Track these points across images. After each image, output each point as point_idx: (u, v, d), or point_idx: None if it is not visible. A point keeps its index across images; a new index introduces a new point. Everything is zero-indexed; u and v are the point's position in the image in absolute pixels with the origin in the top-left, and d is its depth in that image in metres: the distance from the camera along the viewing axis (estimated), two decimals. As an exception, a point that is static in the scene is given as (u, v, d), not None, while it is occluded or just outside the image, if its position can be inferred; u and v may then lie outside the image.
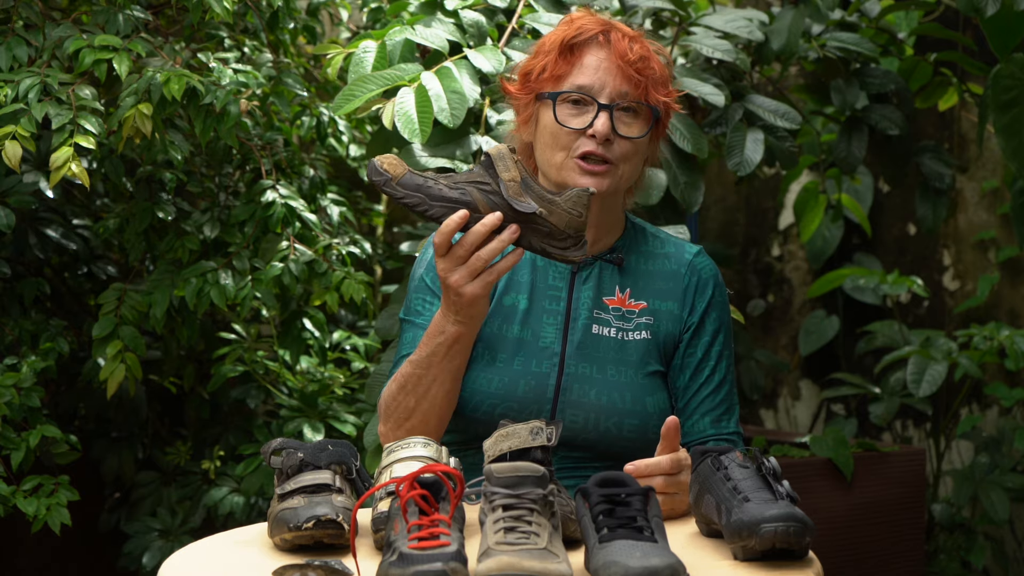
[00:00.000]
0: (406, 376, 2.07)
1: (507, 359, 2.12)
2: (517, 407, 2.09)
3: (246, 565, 1.75)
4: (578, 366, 2.11)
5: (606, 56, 2.11)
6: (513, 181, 1.87)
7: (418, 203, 1.87)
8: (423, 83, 2.49)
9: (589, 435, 2.09)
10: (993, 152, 4.31)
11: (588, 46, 2.13)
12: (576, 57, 2.12)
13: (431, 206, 1.87)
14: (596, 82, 2.10)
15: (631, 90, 2.10)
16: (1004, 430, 4.00)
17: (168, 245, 2.98)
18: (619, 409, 2.10)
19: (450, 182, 1.88)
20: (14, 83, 2.59)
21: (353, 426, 3.13)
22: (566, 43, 2.13)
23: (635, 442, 2.11)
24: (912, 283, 4.22)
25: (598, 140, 2.09)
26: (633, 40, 2.14)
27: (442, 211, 1.87)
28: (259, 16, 3.09)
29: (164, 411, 3.44)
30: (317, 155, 3.37)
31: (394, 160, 1.89)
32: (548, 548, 1.56)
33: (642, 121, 2.13)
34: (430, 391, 2.05)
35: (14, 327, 2.93)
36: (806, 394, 4.72)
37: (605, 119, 2.09)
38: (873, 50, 3.36)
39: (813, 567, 1.69)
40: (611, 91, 2.10)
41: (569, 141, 2.11)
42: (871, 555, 3.56)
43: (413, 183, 1.88)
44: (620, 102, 2.10)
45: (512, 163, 1.87)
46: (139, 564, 3.13)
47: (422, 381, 2.05)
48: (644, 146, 2.15)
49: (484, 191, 1.88)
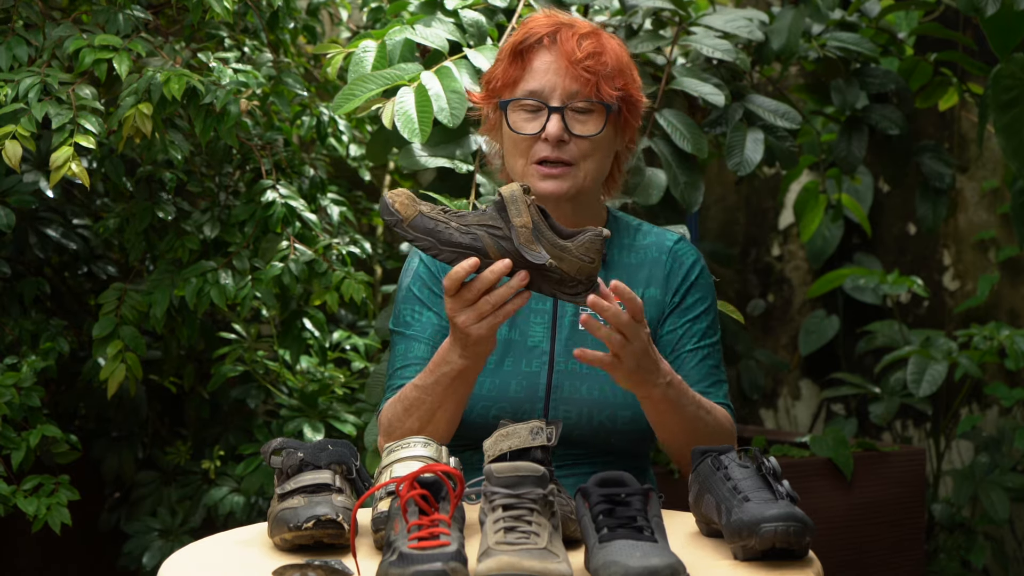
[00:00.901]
0: (411, 400, 2.06)
1: (497, 361, 2.12)
2: (510, 407, 2.10)
3: (246, 565, 1.75)
4: (568, 363, 2.12)
5: (553, 59, 2.11)
6: (524, 227, 1.84)
7: (429, 247, 1.85)
8: (423, 83, 2.49)
9: (583, 430, 2.10)
10: (993, 152, 4.31)
11: (536, 50, 2.13)
12: (526, 62, 2.13)
13: (441, 251, 1.85)
14: (546, 85, 2.11)
15: (581, 88, 2.10)
16: (1004, 430, 4.00)
17: (168, 245, 2.98)
18: (611, 402, 2.10)
19: (461, 224, 1.85)
20: (14, 83, 2.59)
21: (353, 426, 3.12)
22: (516, 48, 2.14)
23: (629, 434, 2.11)
24: (912, 283, 4.22)
25: (551, 143, 2.09)
26: (583, 37, 2.13)
27: (452, 256, 1.85)
28: (259, 16, 3.09)
29: (164, 411, 3.44)
30: (317, 155, 3.36)
31: (406, 199, 1.87)
32: (548, 548, 1.56)
33: (596, 118, 2.12)
34: (435, 416, 2.04)
35: (14, 327, 2.93)
36: (806, 394, 4.72)
37: (556, 121, 2.09)
38: (873, 50, 3.36)
39: (813, 567, 1.69)
40: (561, 92, 2.10)
41: (527, 147, 2.12)
42: (871, 555, 3.56)
43: (423, 226, 1.85)
44: (571, 103, 2.10)
45: (524, 207, 1.84)
46: (139, 564, 3.13)
47: (425, 405, 2.04)
48: (607, 141, 2.14)
49: (495, 236, 1.85)
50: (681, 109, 2.98)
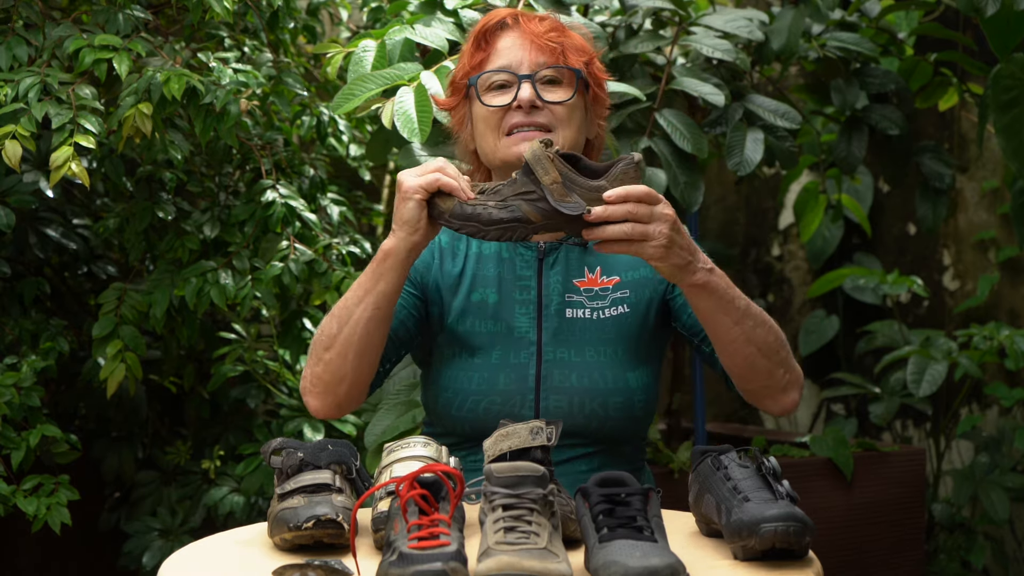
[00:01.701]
0: (336, 305, 2.05)
1: (484, 354, 2.12)
2: (500, 400, 2.09)
3: (246, 565, 1.75)
4: (556, 352, 2.11)
5: (518, 35, 2.15)
6: (555, 183, 1.84)
7: (475, 231, 1.87)
8: (422, 82, 2.49)
9: (576, 419, 2.09)
10: (993, 152, 4.31)
11: (499, 31, 2.17)
12: (490, 45, 2.16)
13: (488, 231, 1.87)
14: (513, 60, 2.13)
15: (548, 58, 2.13)
16: (1004, 430, 4.01)
17: (168, 245, 2.98)
18: (602, 389, 2.10)
19: (498, 201, 1.87)
20: (14, 83, 2.59)
21: (353, 426, 3.12)
22: (479, 35, 2.18)
23: (622, 420, 2.11)
24: (912, 283, 4.22)
25: (525, 109, 2.11)
26: (543, 19, 2.18)
27: (498, 233, 1.87)
28: (259, 16, 3.09)
29: (164, 411, 3.44)
30: (317, 155, 3.37)
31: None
32: (548, 548, 1.56)
33: (566, 85, 2.14)
34: (353, 315, 2.01)
35: (14, 327, 2.93)
36: (806, 394, 4.72)
37: (528, 88, 2.11)
38: (873, 50, 3.36)
39: (813, 567, 1.69)
40: (529, 63, 2.13)
41: (498, 120, 2.13)
42: (871, 555, 3.56)
43: (464, 213, 1.87)
44: (540, 73, 2.12)
45: (550, 164, 1.84)
46: (139, 564, 3.13)
47: (348, 304, 2.02)
48: (579, 113, 2.15)
49: (531, 201, 1.85)
50: (681, 109, 2.98)
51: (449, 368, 2.13)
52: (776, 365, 2.04)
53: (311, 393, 2.07)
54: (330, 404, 2.07)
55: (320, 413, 2.09)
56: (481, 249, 2.19)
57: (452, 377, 2.12)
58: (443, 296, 2.17)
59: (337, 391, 2.06)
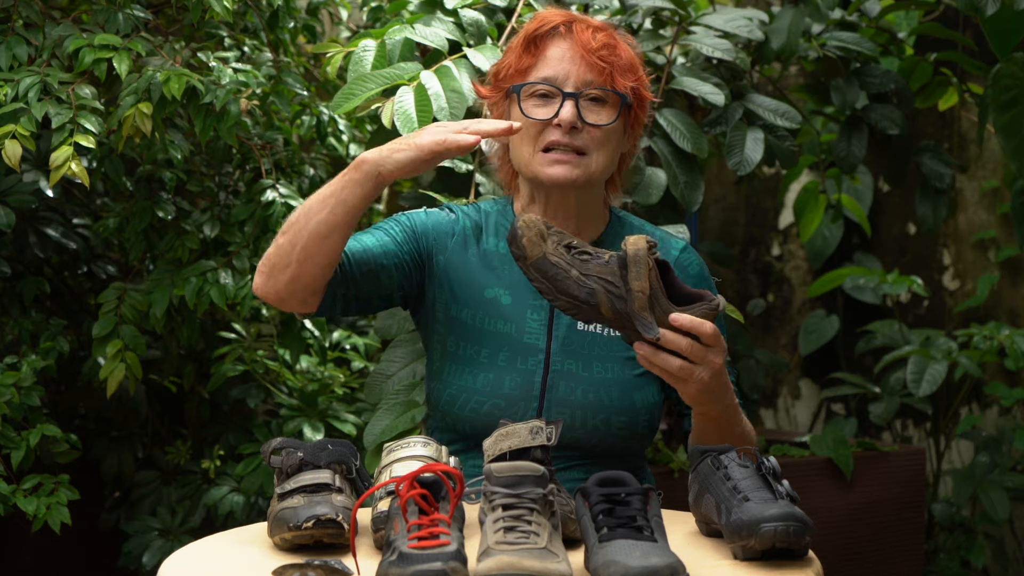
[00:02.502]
0: (294, 213, 2.03)
1: (491, 355, 2.11)
2: (504, 404, 2.08)
3: (246, 565, 1.75)
4: (564, 363, 2.10)
5: (569, 46, 2.11)
6: (641, 292, 1.82)
7: (545, 291, 1.86)
8: (422, 82, 2.49)
9: (577, 433, 2.09)
10: (993, 152, 4.31)
11: (551, 38, 2.13)
12: (540, 50, 2.12)
13: (557, 298, 1.86)
14: (560, 72, 2.10)
15: (595, 77, 2.10)
16: (1004, 430, 4.00)
17: (168, 244, 2.98)
18: (607, 406, 2.09)
19: (580, 274, 1.84)
20: (14, 82, 2.59)
21: (353, 426, 3.13)
22: (529, 37, 2.14)
23: (624, 439, 2.10)
24: (912, 283, 4.22)
25: (564, 128, 2.08)
26: (597, 30, 2.13)
27: (565, 305, 1.86)
28: (259, 15, 3.09)
29: (164, 411, 3.44)
30: (317, 154, 3.36)
31: (534, 235, 1.86)
32: (548, 548, 1.56)
33: (610, 108, 2.11)
34: (312, 209, 1.99)
35: (14, 326, 2.93)
36: (806, 394, 4.72)
37: (570, 107, 2.08)
38: (873, 50, 3.36)
39: (813, 567, 1.69)
40: (575, 80, 2.09)
41: (536, 133, 2.10)
42: (871, 555, 3.56)
43: (544, 270, 1.85)
44: (585, 91, 2.09)
45: (646, 271, 1.82)
46: (139, 564, 3.13)
47: (313, 200, 2.00)
48: (617, 135, 2.13)
49: (611, 294, 1.84)
50: (681, 109, 2.98)
51: (455, 362, 2.12)
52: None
53: (259, 271, 2.06)
54: (270, 289, 2.05)
55: (259, 291, 2.07)
56: (498, 248, 2.18)
57: (458, 372, 2.11)
58: (450, 281, 2.15)
59: (279, 278, 2.03)
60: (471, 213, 2.21)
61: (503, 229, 2.18)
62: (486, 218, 2.20)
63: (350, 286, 2.09)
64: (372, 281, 2.11)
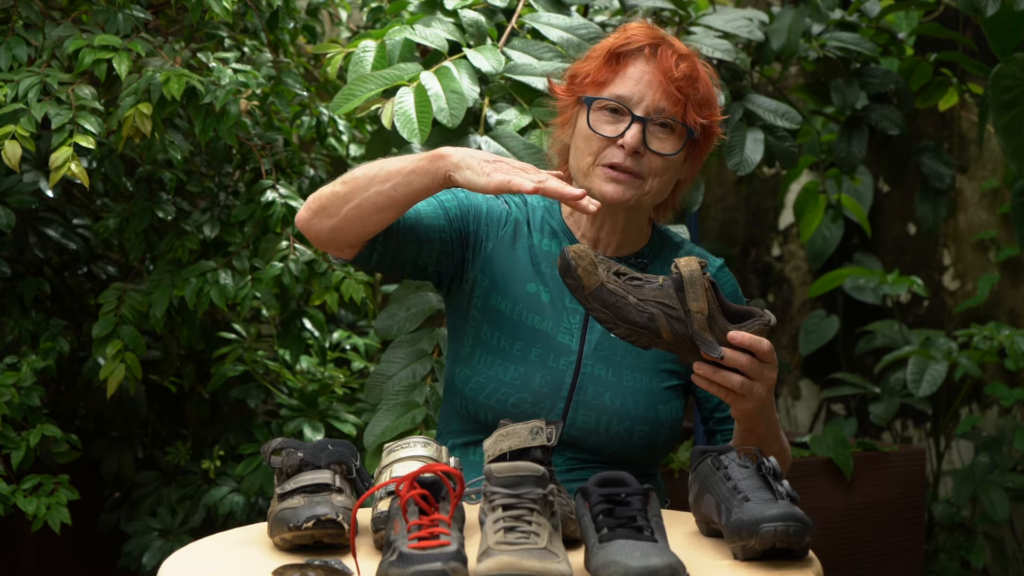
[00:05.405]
0: (380, 160, 2.02)
1: (524, 349, 2.11)
2: (531, 400, 2.08)
3: (246, 565, 1.75)
4: (595, 367, 2.10)
5: (650, 70, 2.09)
6: (700, 314, 1.83)
7: (605, 320, 1.86)
8: (422, 83, 2.49)
9: (599, 438, 2.09)
10: (993, 152, 4.31)
11: (634, 57, 2.11)
12: (621, 67, 2.11)
13: (618, 326, 1.86)
14: (635, 94, 2.09)
15: (669, 107, 2.08)
16: (1004, 430, 4.00)
17: (168, 245, 2.98)
18: (632, 415, 2.09)
19: (638, 300, 1.85)
20: (14, 83, 2.59)
21: (353, 426, 3.13)
22: (613, 51, 2.12)
23: (644, 449, 2.11)
24: (912, 283, 4.22)
25: (627, 152, 2.07)
26: (682, 58, 2.11)
27: (626, 332, 1.86)
28: (259, 16, 3.09)
29: (164, 411, 3.44)
30: (317, 155, 3.37)
31: (588, 264, 1.86)
32: (548, 548, 1.56)
33: (676, 139, 2.10)
34: (377, 176, 1.99)
35: (14, 327, 2.93)
36: (806, 394, 4.72)
37: (637, 131, 2.07)
38: (873, 50, 3.36)
39: (813, 567, 1.69)
40: (648, 105, 2.08)
41: (599, 148, 2.09)
42: (871, 555, 3.56)
43: (603, 299, 1.85)
44: (655, 117, 2.08)
45: (702, 291, 1.83)
46: (139, 564, 3.14)
47: (382, 167, 2.00)
48: (677, 165, 2.13)
49: (670, 317, 1.84)
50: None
51: (487, 351, 2.11)
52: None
53: (306, 206, 2.05)
54: (312, 227, 2.05)
55: (300, 224, 2.07)
56: (541, 244, 2.18)
57: (488, 361, 2.11)
58: (495, 270, 2.15)
59: (324, 222, 2.03)
60: (520, 205, 2.22)
61: (547, 226, 2.19)
62: (532, 212, 2.21)
63: (390, 247, 2.09)
64: (414, 249, 2.11)
